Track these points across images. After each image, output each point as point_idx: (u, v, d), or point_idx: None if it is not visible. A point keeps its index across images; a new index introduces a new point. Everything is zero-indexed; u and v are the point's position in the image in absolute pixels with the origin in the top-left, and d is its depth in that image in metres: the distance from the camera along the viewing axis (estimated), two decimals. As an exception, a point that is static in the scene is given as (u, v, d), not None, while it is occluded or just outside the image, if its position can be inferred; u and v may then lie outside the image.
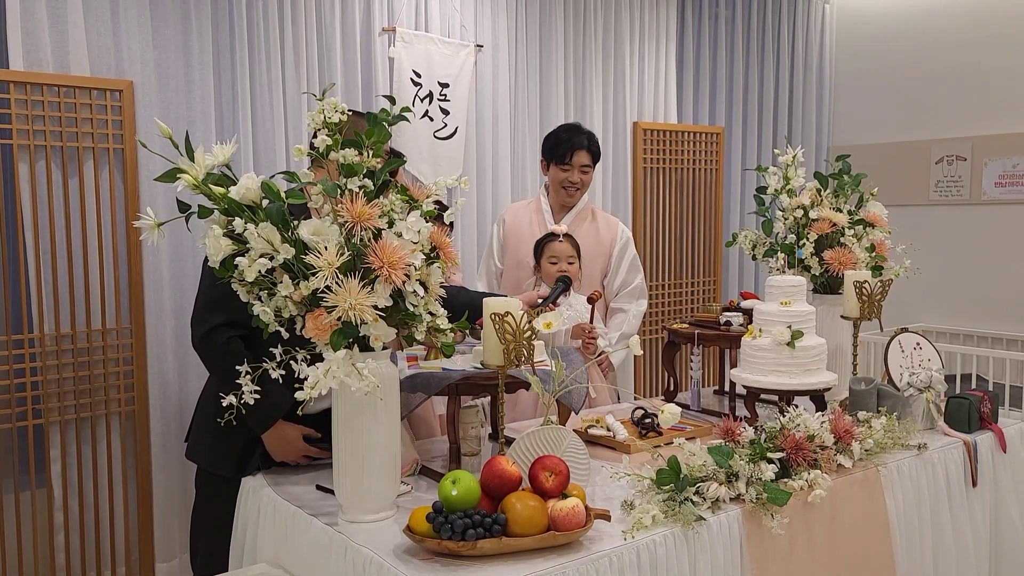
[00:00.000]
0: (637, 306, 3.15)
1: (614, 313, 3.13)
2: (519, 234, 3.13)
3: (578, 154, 3.06)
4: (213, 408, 2.07)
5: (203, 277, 2.15)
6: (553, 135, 3.16)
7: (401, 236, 1.70)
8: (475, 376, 2.01)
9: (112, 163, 2.92)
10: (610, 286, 3.15)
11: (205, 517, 2.29)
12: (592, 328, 2.81)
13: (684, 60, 4.80)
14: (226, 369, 1.93)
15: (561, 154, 3.07)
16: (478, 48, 3.92)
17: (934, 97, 4.97)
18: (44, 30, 2.78)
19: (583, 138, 3.09)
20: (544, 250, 2.89)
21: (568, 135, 3.10)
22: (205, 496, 2.31)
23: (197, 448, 2.29)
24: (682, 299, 4.77)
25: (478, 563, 1.58)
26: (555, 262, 2.86)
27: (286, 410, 2.07)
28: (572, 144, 3.06)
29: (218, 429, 1.98)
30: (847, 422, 2.18)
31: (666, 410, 1.95)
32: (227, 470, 2.19)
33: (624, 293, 3.15)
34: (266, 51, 3.29)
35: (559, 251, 2.86)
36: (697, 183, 4.79)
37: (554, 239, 2.89)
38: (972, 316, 4.83)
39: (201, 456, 2.28)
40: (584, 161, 3.08)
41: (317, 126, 1.71)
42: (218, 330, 2.07)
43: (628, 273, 3.16)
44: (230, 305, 1.89)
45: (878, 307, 2.61)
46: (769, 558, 1.90)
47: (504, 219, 3.25)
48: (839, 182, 2.91)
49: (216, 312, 2.07)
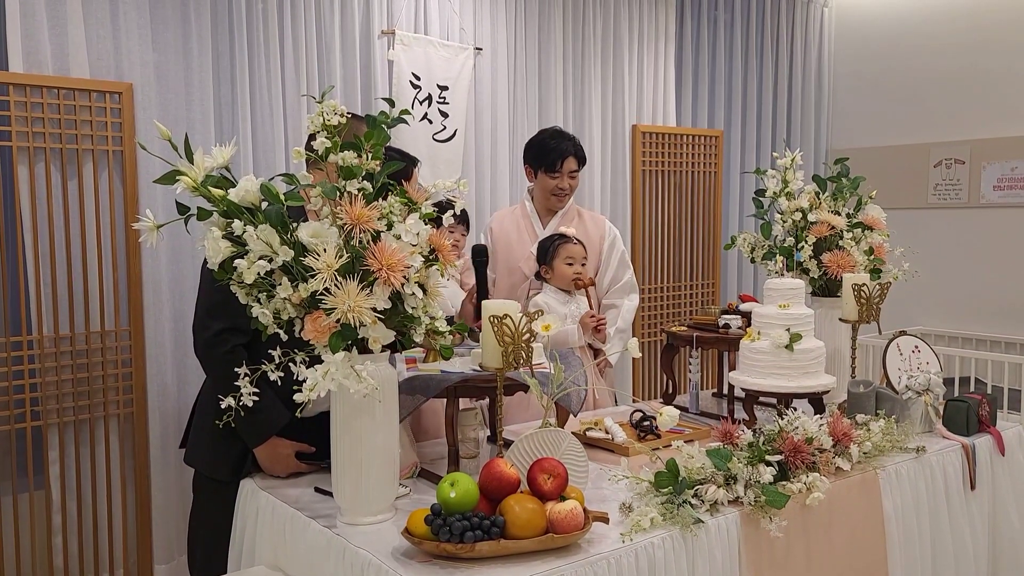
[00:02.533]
0: (629, 301, 3.14)
1: (606, 309, 3.12)
2: (507, 240, 3.13)
3: (567, 161, 3.05)
4: (211, 412, 2.07)
5: (202, 281, 2.15)
6: (538, 143, 3.12)
7: (400, 238, 1.70)
8: (474, 378, 2.01)
9: (111, 165, 2.93)
10: (601, 283, 3.14)
11: (203, 521, 2.29)
12: (594, 312, 2.81)
13: (683, 63, 4.81)
14: (229, 378, 1.91)
15: (551, 162, 3.04)
16: (477, 51, 3.92)
17: (933, 100, 4.98)
18: (44, 32, 2.79)
19: (569, 144, 3.06)
20: (559, 252, 2.89)
21: (556, 142, 3.06)
22: (203, 500, 2.30)
23: (195, 452, 2.28)
24: (681, 302, 4.78)
25: (476, 565, 1.58)
26: (571, 263, 2.89)
27: (280, 427, 2.09)
28: (561, 151, 3.03)
29: (216, 433, 1.98)
30: (845, 425, 2.18)
31: (664, 413, 1.95)
32: (225, 474, 2.19)
33: (615, 288, 3.13)
34: (266, 54, 3.30)
35: (575, 253, 2.89)
36: (696, 186, 4.80)
37: (568, 241, 2.91)
38: (970, 319, 4.83)
39: (199, 460, 2.27)
40: (572, 167, 3.07)
41: (316, 128, 1.71)
42: (221, 336, 2.06)
43: (618, 269, 3.15)
44: (231, 309, 1.89)
45: (876, 310, 2.61)
46: (767, 561, 1.90)
47: (491, 227, 3.23)
48: (838, 185, 2.91)
49: (218, 318, 2.06)
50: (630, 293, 3.15)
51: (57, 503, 2.87)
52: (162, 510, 3.07)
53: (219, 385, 2.07)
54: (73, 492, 2.90)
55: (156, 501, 3.06)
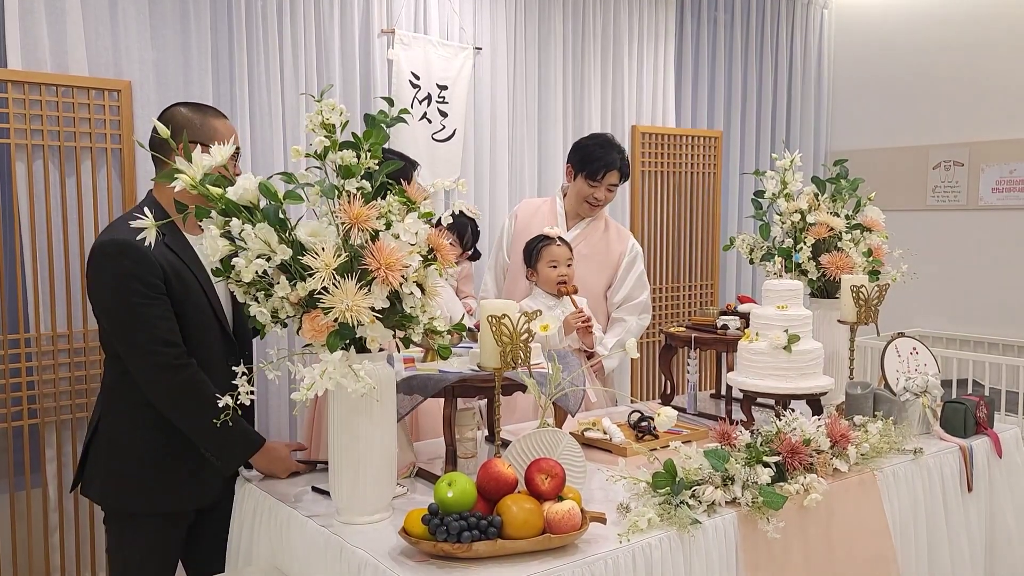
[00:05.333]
0: (639, 320, 3.07)
1: (614, 323, 3.06)
2: (529, 231, 3.03)
3: (610, 174, 2.98)
4: (152, 443, 2.01)
5: (112, 305, 1.94)
6: (585, 147, 3.03)
7: (398, 238, 1.70)
8: (472, 378, 2.01)
9: (110, 163, 2.92)
10: (611, 298, 3.08)
11: (140, 561, 2.09)
12: (581, 311, 2.78)
13: (683, 64, 4.81)
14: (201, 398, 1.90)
15: (593, 171, 2.96)
16: (477, 51, 3.92)
17: (932, 102, 4.98)
18: (42, 29, 2.78)
19: (616, 157, 2.98)
20: (541, 254, 2.83)
21: (602, 151, 2.97)
22: (128, 536, 2.09)
23: (123, 489, 2.05)
24: (679, 303, 4.78)
25: (473, 565, 1.58)
26: (555, 266, 2.82)
27: (259, 444, 2.06)
28: (606, 163, 2.95)
29: (155, 465, 1.99)
30: (843, 426, 2.18)
31: (662, 413, 1.95)
32: (166, 506, 2.06)
33: (627, 306, 3.06)
34: (265, 52, 3.29)
35: (559, 255, 2.82)
36: (695, 187, 4.80)
37: (551, 243, 2.84)
38: (969, 321, 4.84)
39: (129, 497, 2.05)
40: (613, 181, 3.00)
41: (314, 127, 1.71)
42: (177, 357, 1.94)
43: (634, 288, 3.07)
44: (162, 324, 1.91)
45: (875, 312, 2.61)
46: (764, 562, 1.90)
47: (516, 214, 3.18)
48: (837, 186, 2.91)
49: (156, 339, 1.92)
50: (642, 313, 3.08)
51: (54, 501, 2.87)
52: (159, 509, 3.06)
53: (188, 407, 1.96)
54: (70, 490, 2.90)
55: (153, 500, 3.05)
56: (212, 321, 2.07)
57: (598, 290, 3.07)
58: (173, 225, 2.01)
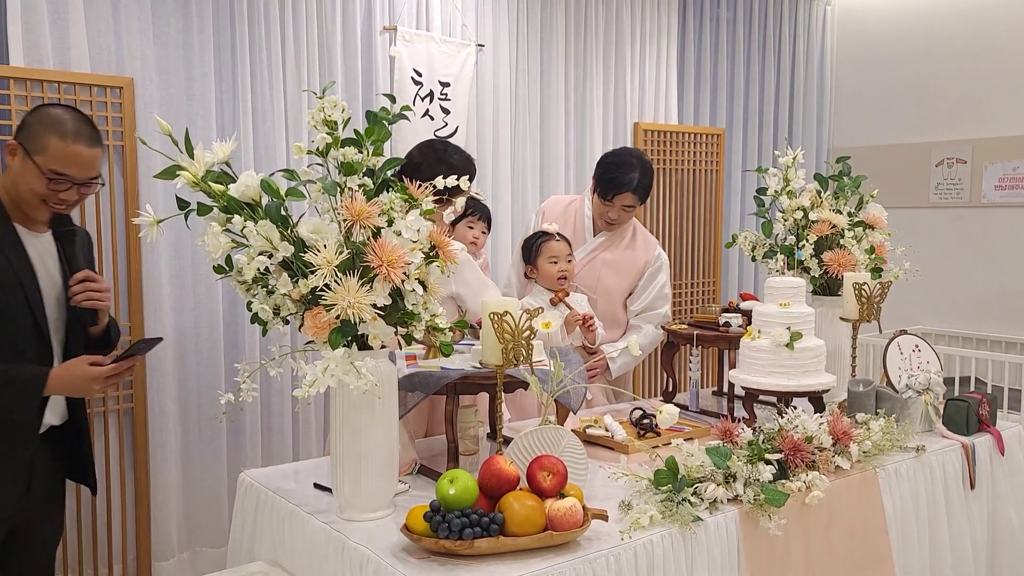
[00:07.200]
0: (656, 330, 3.03)
1: (631, 331, 3.03)
2: None
3: (621, 196, 2.88)
4: None
5: None
6: (604, 164, 2.95)
7: (400, 235, 1.70)
8: (473, 375, 2.01)
9: (112, 160, 2.92)
10: (630, 305, 3.05)
11: None
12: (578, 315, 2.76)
13: (685, 61, 4.80)
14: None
15: (604, 191, 2.90)
16: (479, 47, 3.92)
17: (934, 100, 4.97)
18: (45, 26, 2.78)
19: (632, 178, 2.86)
20: (541, 250, 2.80)
21: (618, 172, 2.87)
22: None
23: None
24: (681, 300, 4.77)
25: (475, 562, 1.58)
26: (555, 262, 2.79)
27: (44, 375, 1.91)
28: (619, 184, 2.86)
29: None
30: (845, 424, 2.18)
31: (664, 411, 1.95)
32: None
33: (646, 315, 3.03)
34: (267, 49, 3.29)
35: (558, 250, 2.79)
36: (697, 184, 4.79)
37: (550, 238, 2.81)
38: (971, 319, 4.83)
39: None
40: (627, 202, 2.91)
41: (316, 123, 1.71)
42: None
43: (655, 299, 3.03)
44: None
45: (877, 309, 2.61)
46: (766, 559, 1.90)
47: (544, 211, 3.13)
48: (839, 184, 2.91)
49: None
50: (659, 324, 3.04)
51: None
52: (161, 506, 3.07)
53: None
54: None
55: (155, 497, 3.06)
56: (22, 315, 1.94)
57: (618, 297, 3.03)
58: (4, 218, 1.97)
